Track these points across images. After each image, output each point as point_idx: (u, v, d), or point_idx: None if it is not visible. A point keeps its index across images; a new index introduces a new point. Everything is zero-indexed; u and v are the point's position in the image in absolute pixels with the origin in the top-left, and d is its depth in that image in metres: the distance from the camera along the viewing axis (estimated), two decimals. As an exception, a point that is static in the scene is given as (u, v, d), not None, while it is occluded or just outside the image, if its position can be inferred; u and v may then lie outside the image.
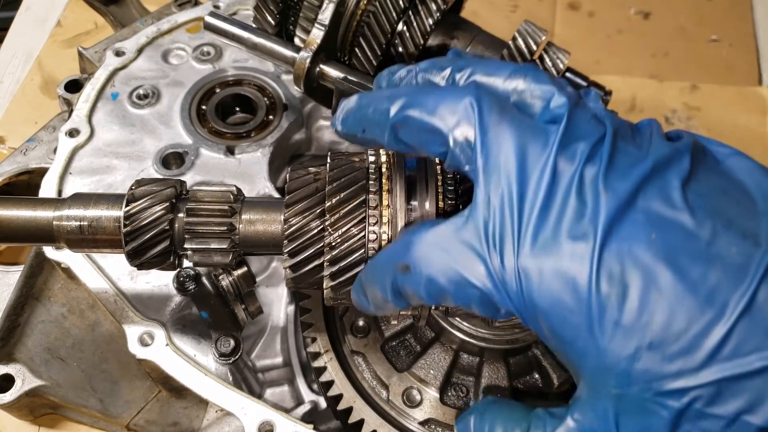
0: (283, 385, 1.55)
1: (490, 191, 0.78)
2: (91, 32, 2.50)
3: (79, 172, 1.61)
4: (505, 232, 0.76)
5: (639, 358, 0.72)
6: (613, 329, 0.73)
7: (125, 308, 1.41)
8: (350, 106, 0.95)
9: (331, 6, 1.32)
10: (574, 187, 0.75)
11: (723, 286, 0.71)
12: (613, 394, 0.75)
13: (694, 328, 0.71)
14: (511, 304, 0.78)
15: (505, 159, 0.78)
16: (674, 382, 0.72)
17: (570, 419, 0.80)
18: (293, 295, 1.58)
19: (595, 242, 0.73)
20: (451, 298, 0.82)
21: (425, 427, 1.35)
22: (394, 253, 0.88)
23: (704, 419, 0.72)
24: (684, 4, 2.59)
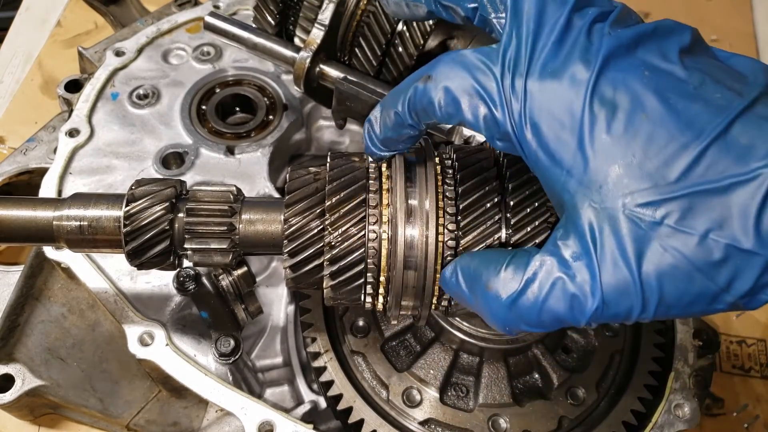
0: (283, 385, 1.55)
1: (513, 29, 0.87)
2: (91, 32, 2.50)
3: (79, 172, 1.61)
4: (519, 59, 0.85)
5: (620, 171, 0.79)
6: (600, 144, 0.80)
7: (125, 308, 1.41)
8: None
9: (331, 6, 1.32)
10: (584, 32, 0.85)
11: (702, 117, 0.78)
12: (593, 208, 0.80)
13: (672, 147, 0.77)
14: (511, 124, 0.85)
15: (528, 7, 0.87)
16: (649, 195, 0.77)
17: (549, 243, 0.85)
18: (293, 295, 1.58)
19: (594, 69, 0.82)
20: (461, 109, 0.88)
21: (425, 427, 1.35)
22: (421, 70, 0.94)
23: (675, 236, 0.76)
24: (684, 4, 2.59)
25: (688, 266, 0.77)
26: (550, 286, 0.83)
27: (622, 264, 0.78)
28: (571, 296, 0.81)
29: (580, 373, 1.41)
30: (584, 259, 0.81)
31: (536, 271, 0.84)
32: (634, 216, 0.78)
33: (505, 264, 0.88)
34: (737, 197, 0.75)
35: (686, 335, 1.47)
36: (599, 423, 1.37)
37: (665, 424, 1.35)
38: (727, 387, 1.80)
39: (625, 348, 1.48)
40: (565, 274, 0.82)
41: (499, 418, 1.34)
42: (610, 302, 0.80)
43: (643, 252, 0.78)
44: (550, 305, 0.83)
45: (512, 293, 0.85)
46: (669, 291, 0.78)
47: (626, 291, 0.79)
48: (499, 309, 0.87)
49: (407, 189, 1.01)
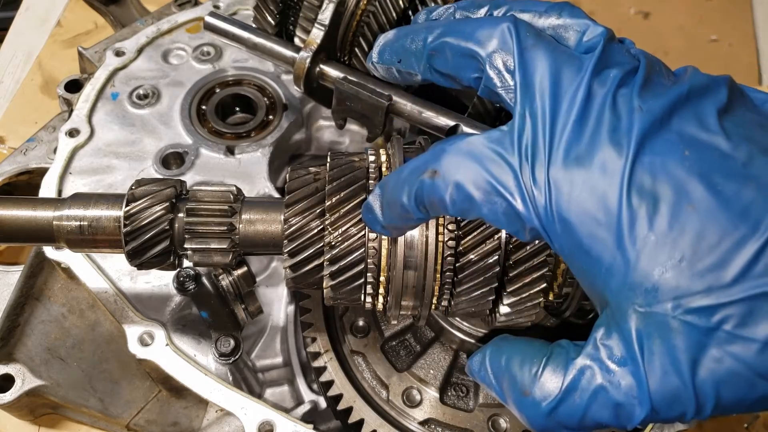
0: (283, 385, 1.55)
1: (526, 107, 0.78)
2: (91, 32, 2.50)
3: (79, 172, 1.61)
4: (537, 144, 0.76)
5: (667, 273, 0.70)
6: (643, 243, 0.71)
7: (125, 308, 1.41)
8: (388, 38, 0.98)
9: (331, 6, 1.32)
10: (608, 105, 0.76)
11: (758, 204, 0.69)
12: (639, 313, 0.72)
13: (725, 243, 0.69)
14: (537, 218, 0.76)
15: (540, 78, 0.78)
16: (703, 299, 0.69)
17: (590, 345, 0.77)
18: (293, 295, 1.58)
19: (628, 155, 0.73)
20: (477, 206, 0.80)
21: (425, 427, 1.35)
22: (425, 160, 0.85)
23: (735, 342, 0.68)
24: (684, 4, 2.59)
25: (749, 373, 0.69)
26: (593, 394, 0.75)
27: (673, 373, 0.71)
28: (616, 405, 0.74)
29: (580, 373, 1.40)
30: (630, 365, 0.73)
31: (576, 377, 0.76)
32: (686, 321, 0.70)
33: (541, 367, 0.79)
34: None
35: (686, 335, 1.47)
36: (599, 423, 1.37)
37: (665, 424, 1.35)
38: (727, 387, 1.79)
39: (625, 348, 1.48)
40: (609, 381, 0.74)
41: (499, 418, 1.34)
42: (661, 410, 0.73)
43: (698, 359, 0.70)
44: (593, 414, 0.75)
45: (552, 401, 0.77)
46: (727, 396, 0.71)
47: (678, 399, 0.71)
48: (538, 416, 0.79)
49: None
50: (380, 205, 0.92)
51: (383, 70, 1.01)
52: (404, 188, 0.86)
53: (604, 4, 2.58)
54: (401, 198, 0.86)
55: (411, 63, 0.94)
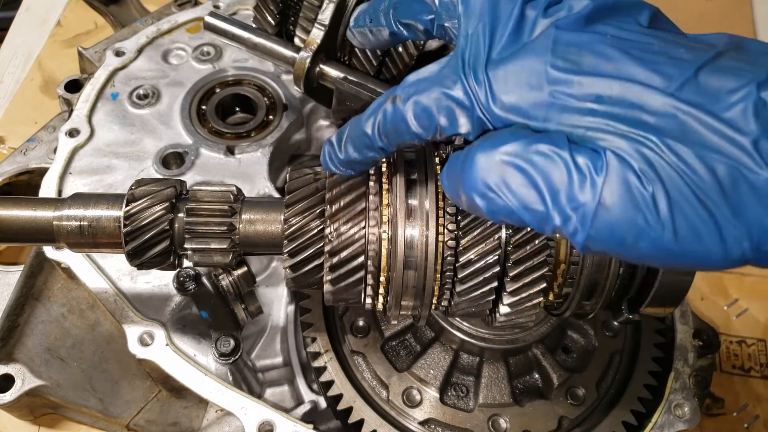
0: (283, 385, 1.55)
1: (468, 28, 0.89)
2: (91, 32, 2.50)
3: (79, 172, 1.61)
4: (478, 53, 0.86)
5: (596, 107, 0.77)
6: (574, 88, 0.79)
7: (125, 308, 1.41)
8: (363, 6, 1.11)
9: (331, 6, 1.32)
10: (539, 21, 0.86)
11: (668, 68, 0.77)
12: (587, 139, 0.79)
13: (644, 88, 0.76)
14: (480, 110, 0.84)
15: (480, 6, 0.89)
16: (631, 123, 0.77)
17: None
18: (293, 295, 1.58)
19: (551, 39, 0.82)
20: (434, 117, 0.88)
21: (425, 427, 1.35)
22: (386, 94, 0.94)
23: (671, 159, 0.74)
24: (684, 4, 2.59)
25: (693, 186, 0.73)
26: (551, 156, 0.78)
27: (632, 166, 0.75)
28: (569, 173, 0.77)
29: (580, 373, 1.41)
30: (591, 153, 0.77)
31: (544, 138, 0.80)
32: (631, 133, 0.76)
33: (513, 126, 0.84)
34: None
35: (686, 335, 1.48)
36: (599, 423, 1.37)
37: (665, 424, 1.35)
38: (727, 387, 1.80)
39: (625, 348, 1.48)
40: (571, 155, 0.78)
41: (499, 418, 1.34)
42: (609, 206, 0.75)
43: (645, 162, 0.74)
44: (541, 172, 0.79)
45: (507, 141, 0.81)
46: (674, 213, 0.74)
47: (631, 197, 0.74)
48: (483, 156, 0.83)
49: (407, 189, 1.01)
50: (343, 142, 1.00)
51: (359, 34, 1.11)
52: (368, 120, 0.95)
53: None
54: (364, 129, 0.95)
55: (380, 19, 1.05)
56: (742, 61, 0.78)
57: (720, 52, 0.78)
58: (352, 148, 0.98)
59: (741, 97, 0.73)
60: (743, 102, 0.72)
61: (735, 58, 0.78)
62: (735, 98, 0.73)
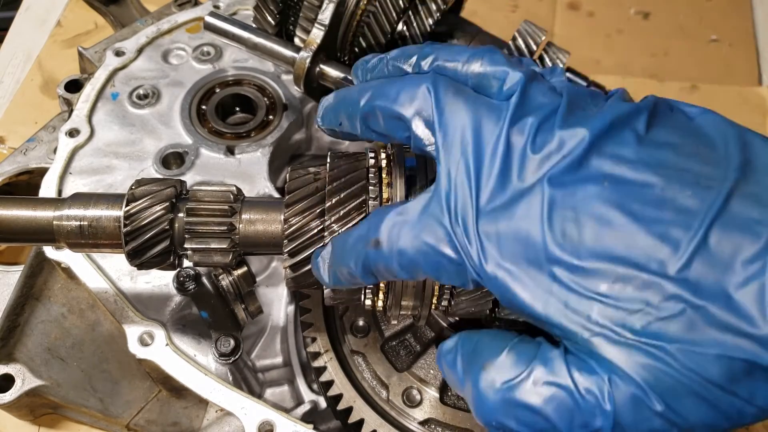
0: (283, 385, 1.55)
1: (450, 166, 0.82)
2: (91, 32, 2.50)
3: (79, 172, 1.62)
4: (465, 202, 0.79)
5: (605, 299, 0.73)
6: (576, 274, 0.74)
7: (125, 308, 1.41)
8: (328, 102, 1.04)
9: (331, 6, 1.32)
10: (527, 155, 0.79)
11: (675, 225, 0.72)
12: (587, 338, 0.74)
13: (652, 265, 0.71)
14: (475, 271, 0.80)
15: (461, 135, 0.82)
16: (644, 318, 0.72)
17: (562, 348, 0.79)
18: (293, 295, 1.58)
19: (543, 199, 0.76)
20: (422, 268, 0.84)
21: (425, 427, 1.35)
22: (365, 231, 0.90)
23: (686, 356, 0.71)
24: (684, 4, 2.59)
25: (706, 385, 0.71)
26: (555, 386, 0.75)
27: (638, 383, 0.72)
28: (578, 405, 0.74)
29: (580, 373, 1.41)
30: (594, 377, 0.74)
31: (542, 364, 0.77)
32: (636, 339, 0.72)
33: (508, 347, 0.80)
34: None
35: (686, 335, 1.47)
36: (599, 423, 1.37)
37: None
38: (727, 387, 1.79)
39: (625, 348, 1.48)
40: (574, 381, 0.75)
41: (499, 418, 1.34)
42: (624, 425, 0.73)
43: (652, 374, 0.71)
44: (550, 407, 0.75)
45: (509, 381, 0.77)
46: (689, 412, 0.72)
47: (643, 411, 0.72)
48: (489, 394, 0.78)
49: (407, 189, 1.01)
50: (327, 269, 0.96)
51: (328, 131, 1.06)
52: (351, 257, 0.91)
53: (604, 4, 2.58)
54: (350, 265, 0.91)
55: (350, 124, 0.99)
56: (754, 200, 0.72)
57: (730, 191, 0.72)
58: (339, 277, 0.95)
59: (755, 271, 0.68)
60: (758, 279, 0.68)
61: (746, 195, 0.73)
62: (749, 272, 0.68)
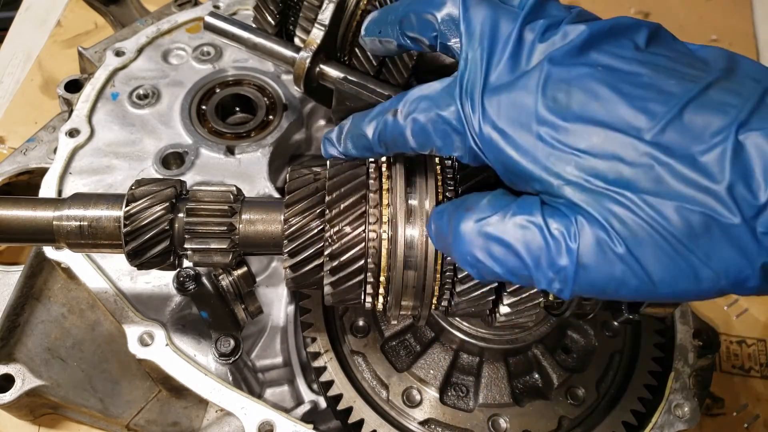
0: (283, 385, 1.55)
1: (468, 51, 0.91)
2: (91, 32, 2.50)
3: (79, 172, 1.61)
4: (476, 80, 0.88)
5: (584, 155, 0.80)
6: (560, 133, 0.81)
7: (125, 308, 1.41)
8: (373, 15, 1.13)
9: (331, 6, 1.32)
10: (536, 44, 0.87)
11: (655, 102, 0.79)
12: (564, 188, 0.81)
13: (629, 130, 0.78)
14: (473, 138, 0.88)
15: (481, 27, 0.91)
16: (616, 172, 0.78)
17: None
18: (293, 295, 1.58)
19: (542, 71, 0.84)
20: (430, 137, 0.92)
21: (425, 427, 1.35)
22: (390, 103, 0.99)
23: (651, 207, 0.76)
24: (684, 4, 2.59)
25: (666, 235, 0.76)
26: (527, 223, 0.82)
27: (603, 226, 0.78)
28: (546, 242, 0.80)
29: (580, 373, 1.41)
30: (563, 220, 0.80)
31: (518, 207, 0.84)
32: (607, 188, 0.78)
33: (491, 194, 0.89)
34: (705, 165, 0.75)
35: (686, 335, 1.47)
36: (599, 423, 1.37)
37: (665, 424, 1.35)
38: (727, 387, 1.80)
39: (625, 348, 1.48)
40: (545, 222, 0.81)
41: (499, 418, 1.34)
42: (587, 265, 0.79)
43: (617, 218, 0.77)
44: (520, 243, 0.82)
45: (486, 215, 0.85)
46: (649, 262, 0.77)
47: (606, 254, 0.78)
48: (466, 230, 0.86)
49: (407, 189, 1.01)
50: (342, 135, 1.06)
51: (369, 42, 1.13)
52: (371, 124, 1.00)
53: (604, 4, 2.58)
54: (366, 131, 1.01)
55: (388, 32, 1.07)
56: (730, 92, 0.79)
57: (710, 82, 0.80)
58: (351, 144, 1.05)
59: (720, 139, 0.75)
60: (722, 145, 0.74)
61: (724, 88, 0.80)
62: (715, 140, 0.75)
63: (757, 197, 0.73)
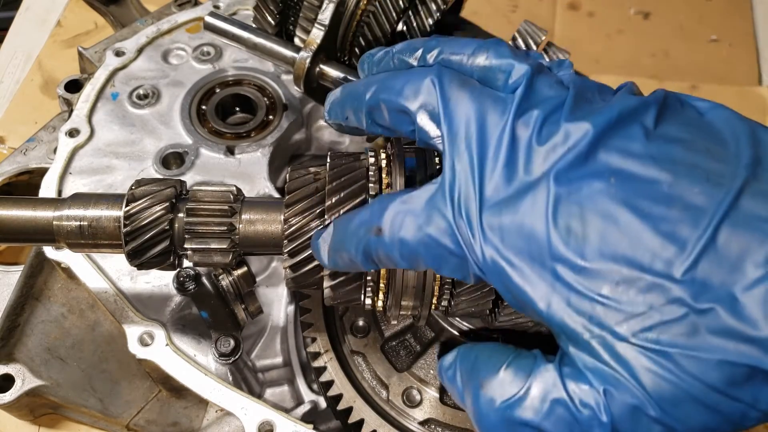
0: (283, 385, 1.55)
1: (454, 157, 0.81)
2: (91, 32, 2.50)
3: (79, 172, 1.62)
4: (468, 195, 0.78)
5: (608, 299, 0.71)
6: (579, 273, 0.72)
7: (125, 308, 1.41)
8: (335, 96, 1.04)
9: (331, 6, 1.32)
10: (533, 148, 0.77)
11: (683, 224, 0.70)
12: (588, 340, 0.72)
13: (658, 265, 0.69)
14: (477, 265, 0.79)
15: (466, 126, 0.80)
16: (648, 320, 0.70)
17: (557, 361, 0.78)
18: (293, 295, 1.58)
19: (549, 192, 0.74)
20: (423, 259, 0.83)
21: (425, 427, 1.35)
22: (368, 217, 0.88)
23: (685, 360, 0.69)
24: (684, 4, 2.59)
25: (707, 391, 0.69)
26: (552, 403, 0.74)
27: (634, 393, 0.70)
28: (574, 420, 0.73)
29: (580, 373, 1.40)
30: (590, 390, 0.73)
31: (539, 383, 0.76)
32: (636, 343, 0.70)
33: (506, 364, 0.79)
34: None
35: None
36: (599, 423, 1.37)
37: None
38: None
39: (625, 348, 1.48)
40: (570, 394, 0.73)
41: (499, 418, 1.34)
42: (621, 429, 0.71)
43: (655, 380, 0.70)
44: (548, 423, 0.74)
45: (508, 400, 0.77)
46: (690, 417, 0.70)
47: (641, 420, 0.71)
48: (490, 413, 0.78)
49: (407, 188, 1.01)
50: (327, 252, 0.94)
51: (335, 125, 1.07)
52: (352, 242, 0.89)
53: (604, 4, 2.58)
54: (350, 250, 0.90)
55: (356, 118, 0.98)
56: (765, 200, 0.70)
57: (741, 188, 0.70)
58: (338, 261, 0.94)
59: (763, 274, 0.66)
60: (765, 282, 0.66)
61: (757, 192, 0.70)
62: (757, 274, 0.66)
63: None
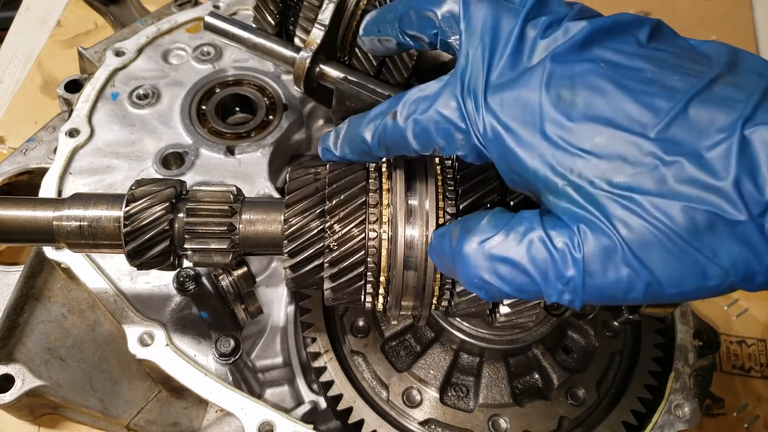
0: (283, 385, 1.55)
1: (469, 49, 0.91)
2: (91, 32, 2.50)
3: (79, 172, 1.61)
4: (478, 78, 0.88)
5: (588, 155, 0.79)
6: (565, 132, 0.80)
7: (125, 308, 1.41)
8: (371, 15, 1.13)
9: (331, 6, 1.32)
10: (538, 41, 0.87)
11: (660, 97, 0.78)
12: (568, 191, 0.80)
13: (634, 127, 0.78)
14: (476, 136, 0.87)
15: (482, 25, 0.91)
16: (621, 173, 0.77)
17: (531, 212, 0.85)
18: (293, 295, 1.58)
19: (545, 69, 0.83)
20: (432, 137, 0.91)
21: (425, 427, 1.35)
22: (386, 107, 0.98)
23: (656, 208, 0.76)
24: (684, 4, 2.59)
25: (671, 235, 0.75)
26: (530, 240, 0.81)
27: (606, 232, 0.77)
28: (551, 255, 0.79)
29: (581, 373, 1.41)
30: (566, 230, 0.80)
31: (519, 223, 0.83)
32: (610, 190, 0.77)
33: (489, 214, 0.87)
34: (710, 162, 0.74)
35: (686, 335, 1.47)
36: (599, 423, 1.37)
37: (665, 424, 1.35)
38: (728, 387, 1.80)
39: (625, 348, 1.48)
40: (548, 235, 0.80)
41: (499, 419, 1.34)
42: (594, 273, 0.78)
43: (622, 223, 0.77)
44: (527, 259, 0.81)
45: (488, 236, 0.84)
46: (656, 264, 0.77)
47: (612, 260, 0.77)
48: (470, 252, 0.85)
49: (407, 189, 1.01)
50: (339, 140, 1.05)
51: (368, 41, 1.12)
52: (369, 127, 0.99)
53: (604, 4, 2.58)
54: (365, 135, 0.99)
55: (387, 30, 1.06)
56: (735, 86, 0.78)
57: (714, 77, 0.79)
58: (349, 149, 1.03)
59: (726, 135, 0.74)
60: (727, 141, 0.74)
61: (728, 82, 0.79)
62: (721, 136, 0.74)
63: (763, 194, 0.72)
